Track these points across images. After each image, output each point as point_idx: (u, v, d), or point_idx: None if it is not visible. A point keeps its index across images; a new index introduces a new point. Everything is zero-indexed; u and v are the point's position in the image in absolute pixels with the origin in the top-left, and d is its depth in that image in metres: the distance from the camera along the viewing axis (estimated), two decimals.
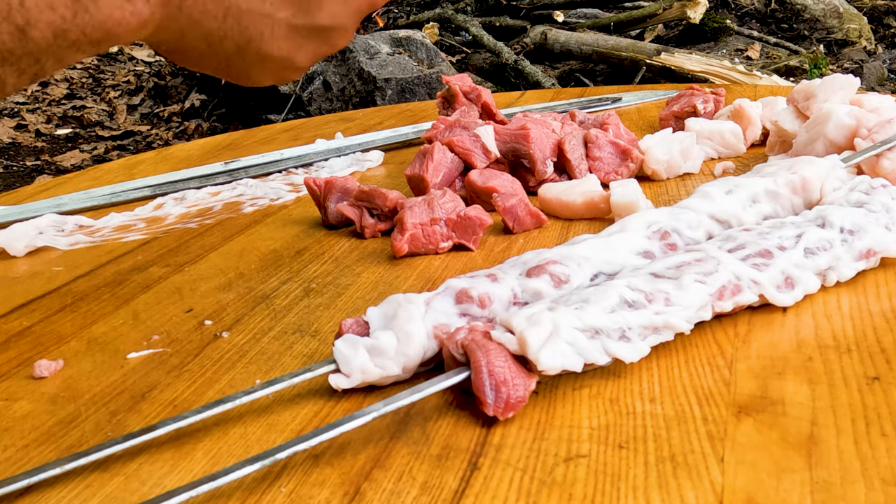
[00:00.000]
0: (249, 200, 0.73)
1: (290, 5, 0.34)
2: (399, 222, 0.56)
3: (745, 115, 0.75)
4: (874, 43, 3.10)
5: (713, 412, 0.34)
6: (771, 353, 0.39)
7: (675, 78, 2.44)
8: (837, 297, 0.44)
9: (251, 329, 0.46)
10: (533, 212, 0.59)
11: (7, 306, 0.53)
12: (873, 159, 0.56)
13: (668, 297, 0.39)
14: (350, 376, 0.37)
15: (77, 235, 0.66)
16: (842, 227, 0.44)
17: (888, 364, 0.37)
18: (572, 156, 0.66)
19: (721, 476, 0.30)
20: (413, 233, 0.55)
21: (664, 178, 0.68)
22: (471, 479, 0.31)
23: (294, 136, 0.97)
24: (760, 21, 3.36)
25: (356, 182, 0.63)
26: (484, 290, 0.40)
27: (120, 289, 0.54)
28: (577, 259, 0.43)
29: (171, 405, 0.39)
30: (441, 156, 0.65)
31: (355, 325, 0.40)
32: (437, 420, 0.36)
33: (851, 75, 0.68)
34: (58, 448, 0.36)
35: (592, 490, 0.30)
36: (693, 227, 0.47)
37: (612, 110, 0.96)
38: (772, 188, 0.50)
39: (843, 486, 0.29)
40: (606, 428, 0.34)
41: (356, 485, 0.32)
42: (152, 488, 0.32)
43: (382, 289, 0.51)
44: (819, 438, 0.32)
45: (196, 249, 0.61)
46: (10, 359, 0.45)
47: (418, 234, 0.55)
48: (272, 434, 0.36)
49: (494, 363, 0.35)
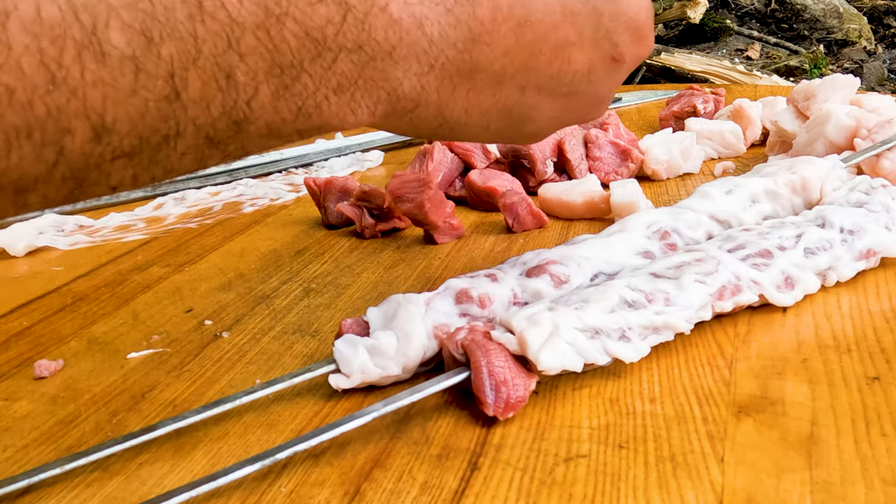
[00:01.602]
0: (249, 200, 0.73)
1: (505, 121, 0.35)
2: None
3: (745, 115, 0.75)
4: (874, 43, 3.09)
5: (713, 412, 0.34)
6: (771, 353, 0.39)
7: (675, 78, 2.44)
8: (837, 297, 0.44)
9: (251, 329, 0.46)
10: (534, 212, 0.59)
11: (7, 306, 0.53)
12: (873, 159, 0.56)
13: (668, 297, 0.39)
14: (350, 376, 0.37)
15: (77, 235, 0.66)
16: (842, 227, 0.44)
17: (888, 364, 0.37)
18: (572, 156, 0.66)
19: (721, 476, 0.30)
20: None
21: (664, 178, 0.68)
22: (471, 479, 0.31)
23: None
24: (760, 21, 3.36)
25: (356, 182, 0.63)
26: (484, 290, 0.40)
27: (120, 289, 0.54)
28: (577, 259, 0.43)
29: (171, 405, 0.39)
30: (441, 156, 0.65)
31: (355, 325, 0.40)
32: (437, 420, 0.36)
33: (851, 75, 0.68)
34: (58, 448, 0.36)
35: (592, 490, 0.30)
36: (693, 227, 0.47)
37: (612, 110, 0.96)
38: (772, 188, 0.50)
39: (843, 486, 0.29)
40: (606, 428, 0.34)
41: (356, 485, 0.32)
42: (152, 488, 0.32)
43: (382, 289, 0.51)
44: (819, 438, 0.32)
45: (196, 249, 0.61)
46: (10, 359, 0.45)
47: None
48: (272, 434, 0.36)
49: (494, 363, 0.35)
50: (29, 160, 0.23)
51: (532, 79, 0.34)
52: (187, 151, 0.26)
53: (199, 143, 0.26)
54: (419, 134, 0.34)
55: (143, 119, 0.24)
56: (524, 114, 0.35)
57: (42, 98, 0.22)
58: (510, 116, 0.35)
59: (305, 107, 0.28)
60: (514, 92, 0.34)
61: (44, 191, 0.24)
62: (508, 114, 0.34)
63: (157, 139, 0.25)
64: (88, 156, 0.24)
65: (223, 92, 0.25)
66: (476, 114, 0.33)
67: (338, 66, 0.27)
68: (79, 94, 0.22)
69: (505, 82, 0.33)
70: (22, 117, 0.22)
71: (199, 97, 0.25)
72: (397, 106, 0.31)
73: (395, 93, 0.30)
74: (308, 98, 0.27)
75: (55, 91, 0.22)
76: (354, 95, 0.29)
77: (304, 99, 0.27)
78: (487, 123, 0.35)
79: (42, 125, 0.22)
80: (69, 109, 0.22)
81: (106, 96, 0.23)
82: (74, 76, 0.22)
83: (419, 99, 0.31)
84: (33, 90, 0.22)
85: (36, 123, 0.22)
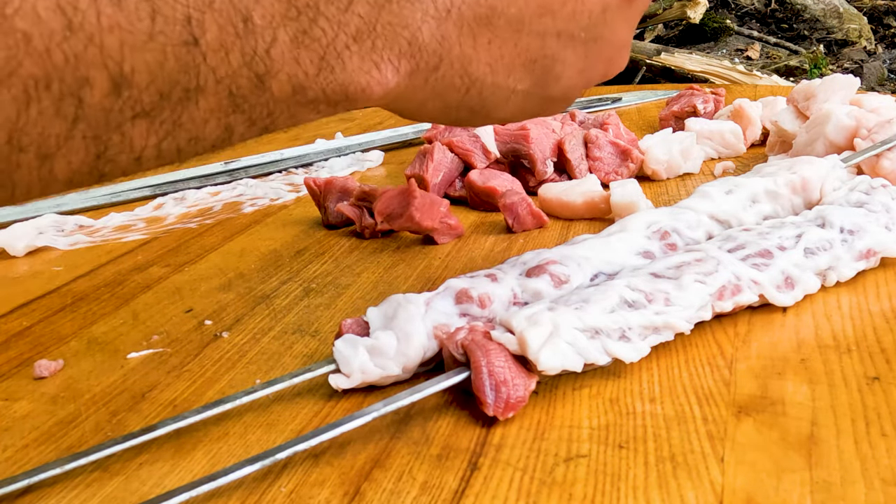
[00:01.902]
0: (249, 200, 0.73)
1: (531, 78, 0.35)
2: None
3: (745, 115, 0.75)
4: (874, 43, 3.09)
5: (713, 412, 0.34)
6: (771, 353, 0.39)
7: (675, 78, 2.44)
8: (837, 297, 0.44)
9: (251, 329, 0.46)
10: (535, 212, 0.59)
11: (7, 306, 0.53)
12: (873, 159, 0.56)
13: (668, 297, 0.39)
14: (350, 376, 0.37)
15: (77, 235, 0.67)
16: (842, 227, 0.44)
17: (888, 364, 0.37)
18: (572, 156, 0.66)
19: (721, 476, 0.30)
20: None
21: (664, 178, 0.68)
22: (471, 479, 0.31)
23: (294, 136, 0.97)
24: (760, 21, 3.36)
25: (356, 182, 0.63)
26: (484, 290, 0.40)
27: (120, 289, 0.54)
28: (577, 259, 0.43)
29: (171, 405, 0.39)
30: (441, 156, 0.65)
31: (355, 325, 0.40)
32: (437, 420, 0.36)
33: (851, 75, 0.68)
34: (58, 448, 0.36)
35: (592, 490, 0.30)
36: (693, 227, 0.47)
37: (612, 110, 0.96)
38: (772, 188, 0.50)
39: (843, 486, 0.29)
40: (606, 428, 0.34)
41: (356, 485, 0.32)
42: (152, 488, 0.32)
43: (382, 289, 0.51)
44: (819, 438, 0.32)
45: (196, 249, 0.61)
46: (10, 359, 0.45)
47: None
48: (272, 434, 0.36)
49: (494, 363, 0.35)
50: (49, 115, 0.22)
51: (549, 23, 0.34)
52: (210, 113, 0.26)
53: (222, 101, 0.26)
54: (447, 104, 0.34)
55: (161, 69, 0.23)
56: (548, 67, 0.35)
57: (59, 45, 0.21)
58: (535, 72, 0.35)
59: (327, 57, 0.27)
60: (535, 39, 0.34)
61: (67, 156, 0.23)
62: (532, 68, 0.34)
63: (178, 94, 0.24)
64: (108, 111, 0.23)
65: (241, 38, 0.25)
66: (501, 70, 0.33)
67: (354, 7, 0.27)
68: (96, 40, 0.22)
69: (523, 29, 0.33)
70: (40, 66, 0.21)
71: (218, 44, 0.24)
72: (420, 61, 0.30)
73: (416, 41, 0.30)
74: (328, 46, 0.27)
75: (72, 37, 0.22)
76: (375, 44, 0.28)
77: (325, 46, 0.27)
78: (514, 84, 0.34)
79: (60, 75, 0.22)
80: (87, 57, 0.22)
81: (123, 42, 0.22)
82: (91, 21, 0.22)
83: (441, 52, 0.31)
84: (50, 36, 0.21)
85: (54, 73, 0.22)
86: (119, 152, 0.24)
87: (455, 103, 0.34)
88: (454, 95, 0.33)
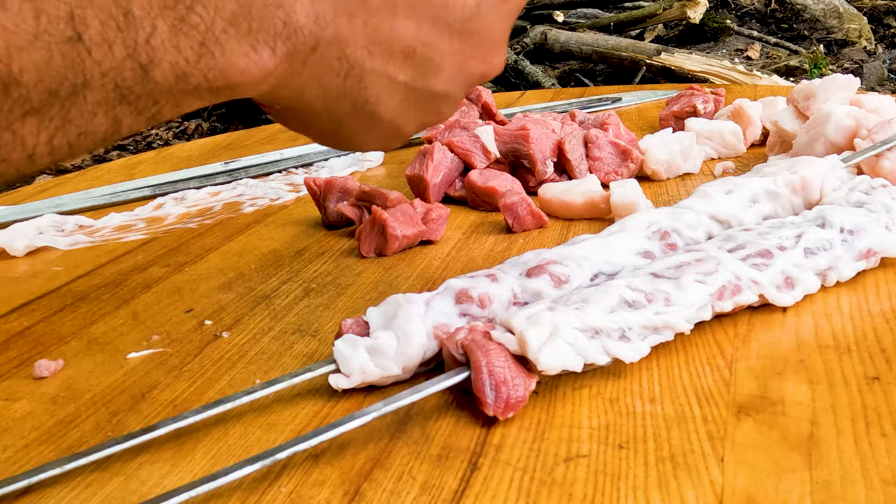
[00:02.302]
0: (249, 200, 0.73)
1: (411, 68, 0.35)
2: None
3: (745, 115, 0.75)
4: (874, 43, 3.09)
5: (713, 412, 0.34)
6: (771, 353, 0.39)
7: (675, 78, 2.44)
8: (837, 297, 0.44)
9: (251, 329, 0.46)
10: (535, 212, 0.59)
11: (7, 306, 0.53)
12: (873, 159, 0.56)
13: (668, 297, 0.39)
14: (350, 376, 0.37)
15: (77, 235, 0.67)
16: (842, 227, 0.44)
17: (888, 364, 0.37)
18: (572, 156, 0.66)
19: (721, 476, 0.30)
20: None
21: (664, 178, 0.68)
22: (471, 479, 0.31)
23: (294, 136, 0.97)
24: (760, 21, 3.36)
25: (356, 182, 0.63)
26: (484, 290, 0.40)
27: (120, 289, 0.54)
28: (577, 259, 0.43)
29: (171, 405, 0.39)
30: (441, 156, 0.65)
31: (355, 325, 0.40)
32: (437, 420, 0.36)
33: (851, 75, 0.68)
34: (58, 448, 0.36)
35: (592, 490, 0.30)
36: (693, 227, 0.47)
37: (612, 110, 0.96)
38: (772, 188, 0.50)
39: (843, 486, 0.29)
40: (606, 428, 0.34)
41: (356, 485, 0.32)
42: (152, 488, 0.32)
43: (382, 289, 0.51)
44: (819, 438, 0.32)
45: (196, 249, 0.61)
46: (10, 359, 0.45)
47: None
48: (272, 434, 0.36)
49: (494, 363, 0.35)
50: None
51: (423, 9, 0.34)
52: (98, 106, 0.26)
53: (109, 94, 0.26)
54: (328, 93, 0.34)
55: (48, 66, 0.24)
56: (427, 57, 0.35)
57: None
58: (414, 60, 0.35)
59: (206, 42, 0.28)
60: (410, 23, 0.34)
61: None
62: (412, 56, 0.35)
63: (66, 89, 0.25)
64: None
65: (123, 31, 0.25)
66: (379, 55, 0.34)
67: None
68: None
69: (398, 11, 0.33)
70: None
71: (101, 38, 0.25)
72: (297, 42, 0.30)
73: (291, 22, 0.30)
74: (207, 31, 0.27)
75: None
76: (251, 26, 0.29)
77: (203, 32, 0.27)
78: (395, 72, 0.35)
79: None
80: None
81: (9, 43, 0.23)
82: None
83: (318, 32, 0.31)
84: None
85: None
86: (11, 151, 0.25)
87: (336, 91, 0.34)
88: (334, 80, 0.33)
